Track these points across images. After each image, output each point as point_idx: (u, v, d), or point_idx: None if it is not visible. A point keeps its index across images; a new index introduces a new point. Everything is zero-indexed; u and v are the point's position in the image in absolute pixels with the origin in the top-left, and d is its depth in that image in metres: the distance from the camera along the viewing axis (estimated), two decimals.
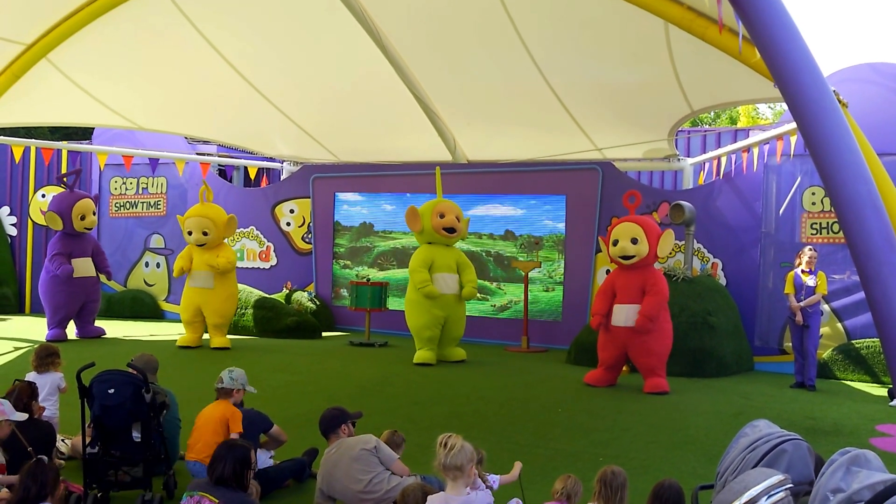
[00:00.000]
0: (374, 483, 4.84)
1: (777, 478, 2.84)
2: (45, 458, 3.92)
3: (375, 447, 5.02)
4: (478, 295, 12.01)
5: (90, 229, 12.77)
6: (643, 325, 9.25)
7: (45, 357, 6.28)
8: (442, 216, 11.10)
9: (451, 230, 11.15)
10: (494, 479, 4.49)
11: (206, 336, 11.85)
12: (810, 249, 10.18)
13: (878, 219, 3.35)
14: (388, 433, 5.53)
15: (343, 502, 5.01)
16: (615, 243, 9.63)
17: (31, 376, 6.07)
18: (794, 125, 9.42)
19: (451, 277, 11.03)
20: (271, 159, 15.95)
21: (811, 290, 9.95)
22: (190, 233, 11.74)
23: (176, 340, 11.87)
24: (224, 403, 5.49)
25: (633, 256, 9.49)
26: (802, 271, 10.04)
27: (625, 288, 9.56)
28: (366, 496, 4.83)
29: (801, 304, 9.93)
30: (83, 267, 12.49)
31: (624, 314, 9.49)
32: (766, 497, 2.78)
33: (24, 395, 5.12)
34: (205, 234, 11.61)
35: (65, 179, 13.23)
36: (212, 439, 5.18)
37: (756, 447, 3.50)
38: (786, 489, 2.84)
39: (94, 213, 12.65)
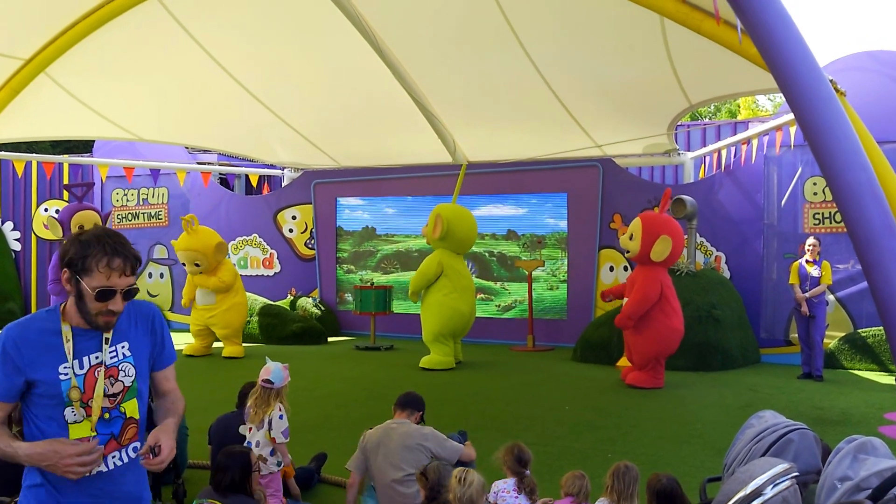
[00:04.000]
0: (411, 481, 4.67)
1: (782, 466, 2.84)
2: None
3: (436, 447, 4.81)
4: (414, 299, 11.63)
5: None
6: (620, 321, 9.50)
7: None
8: None
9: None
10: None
11: (217, 344, 11.92)
12: (813, 239, 10.17)
13: (877, 206, 3.34)
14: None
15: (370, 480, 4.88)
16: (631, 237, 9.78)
17: None
18: (792, 116, 9.41)
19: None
20: (272, 166, 15.97)
21: (816, 281, 9.94)
22: (184, 264, 11.91)
23: (180, 350, 11.90)
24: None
25: (628, 252, 9.84)
26: (807, 261, 10.03)
27: (629, 283, 9.71)
28: (398, 487, 4.69)
29: (807, 294, 9.91)
30: None
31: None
32: (771, 486, 2.78)
33: None
34: (197, 265, 11.72)
35: (72, 191, 13.30)
36: None
37: (762, 438, 3.50)
38: (791, 477, 2.84)
39: (95, 226, 12.68)
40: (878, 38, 45.73)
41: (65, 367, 2.67)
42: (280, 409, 5.02)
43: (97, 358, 2.73)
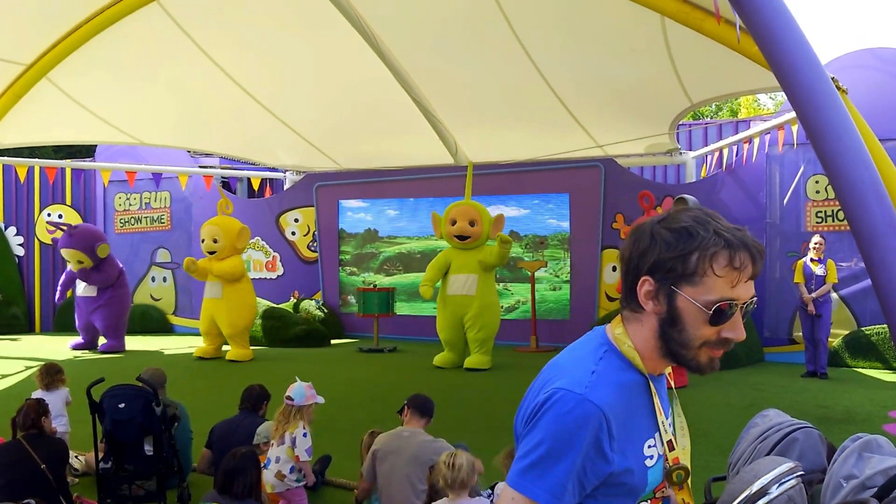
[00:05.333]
0: (421, 494, 4.62)
1: (788, 465, 2.83)
2: (31, 501, 3.93)
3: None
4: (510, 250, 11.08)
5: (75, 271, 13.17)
6: None
7: (54, 374, 6.33)
8: (453, 223, 11.12)
9: (462, 237, 11.10)
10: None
11: (226, 347, 11.96)
12: (819, 237, 10.16)
13: (880, 204, 3.35)
14: (367, 435, 5.26)
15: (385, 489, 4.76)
16: None
17: (38, 394, 6.09)
18: (794, 114, 9.40)
19: (471, 278, 10.91)
20: (274, 169, 15.98)
21: (821, 280, 9.91)
22: (203, 240, 11.91)
23: (187, 353, 11.93)
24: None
25: None
26: (812, 260, 10.01)
27: None
28: (408, 499, 4.60)
29: (813, 294, 9.88)
30: (86, 287, 12.99)
31: None
32: (776, 485, 2.78)
33: (33, 412, 5.12)
34: (215, 241, 11.74)
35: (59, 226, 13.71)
36: None
37: (767, 437, 3.49)
38: (797, 476, 2.83)
39: (79, 262, 12.93)
40: (880, 35, 45.69)
41: (651, 445, 1.73)
42: (304, 427, 4.97)
43: (671, 424, 1.80)
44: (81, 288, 12.98)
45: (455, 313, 10.95)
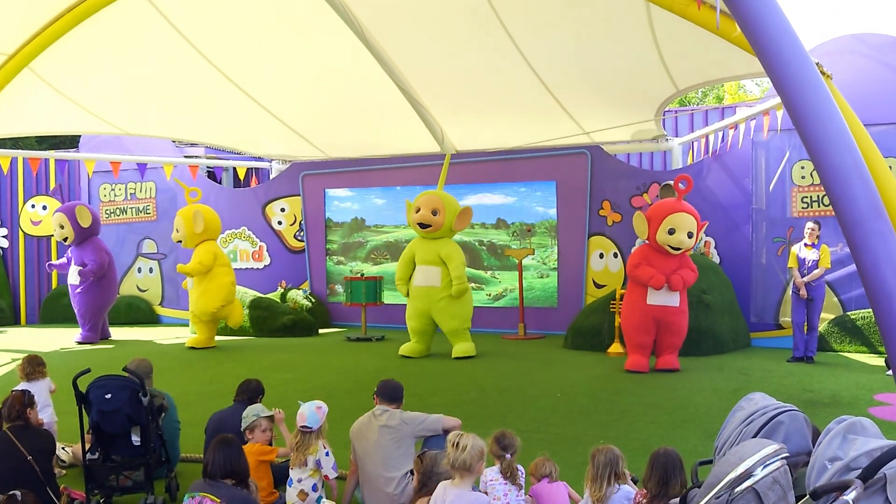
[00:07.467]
0: (394, 469, 4.78)
1: (772, 447, 2.85)
2: (17, 493, 3.90)
3: (415, 425, 4.97)
4: (469, 286, 11.15)
5: (65, 239, 13.30)
6: (676, 283, 9.51)
7: (35, 366, 6.28)
8: (418, 211, 11.08)
9: (423, 225, 11.05)
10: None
11: (218, 337, 12.04)
12: (812, 223, 10.20)
13: (864, 187, 3.36)
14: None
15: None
16: (671, 231, 9.56)
17: (21, 386, 6.04)
18: (779, 100, 9.40)
19: (433, 270, 10.88)
20: (260, 159, 15.91)
21: (814, 265, 9.97)
22: (178, 231, 12.26)
23: (174, 343, 11.92)
24: (250, 447, 5.11)
25: (681, 249, 9.67)
26: (805, 245, 10.07)
27: (664, 271, 9.55)
28: (383, 474, 4.76)
29: (804, 279, 9.95)
30: (73, 275, 13.07)
31: (661, 294, 9.55)
32: (761, 467, 2.80)
33: (18, 404, 5.09)
34: (177, 231, 12.18)
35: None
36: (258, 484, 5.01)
37: (752, 420, 3.51)
38: (782, 458, 2.85)
39: (61, 227, 13.13)
40: (865, 20, 45.84)
41: None
42: (325, 447, 4.90)
43: None
44: (71, 273, 12.99)
45: (421, 304, 10.93)
